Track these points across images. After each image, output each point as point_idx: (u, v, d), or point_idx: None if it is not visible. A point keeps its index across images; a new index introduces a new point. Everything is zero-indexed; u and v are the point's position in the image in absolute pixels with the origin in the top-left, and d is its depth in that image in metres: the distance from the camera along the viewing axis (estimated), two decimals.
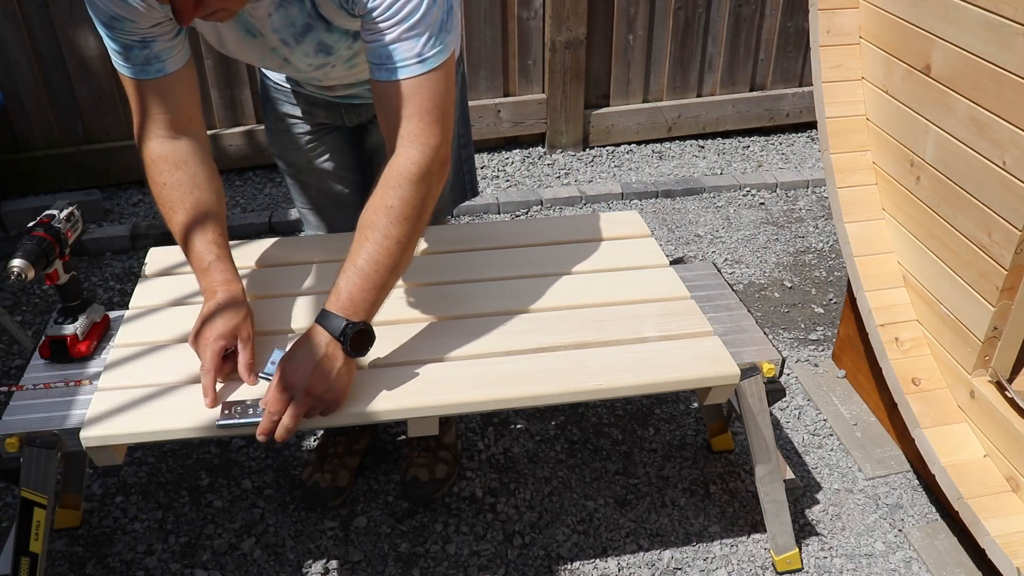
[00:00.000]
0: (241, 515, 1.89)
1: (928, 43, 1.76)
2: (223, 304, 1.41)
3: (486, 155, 3.54)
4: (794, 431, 2.15)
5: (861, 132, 2.03)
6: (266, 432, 1.30)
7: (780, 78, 3.72)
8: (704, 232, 3.07)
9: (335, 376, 1.32)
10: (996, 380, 1.73)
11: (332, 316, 1.31)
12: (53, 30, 2.91)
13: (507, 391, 1.42)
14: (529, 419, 2.16)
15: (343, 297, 1.32)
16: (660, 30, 3.46)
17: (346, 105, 1.71)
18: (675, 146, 3.68)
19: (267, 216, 3.04)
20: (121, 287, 2.73)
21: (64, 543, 1.82)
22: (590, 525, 1.87)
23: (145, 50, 1.36)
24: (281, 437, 1.29)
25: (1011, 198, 1.58)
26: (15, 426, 1.38)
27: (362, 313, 1.32)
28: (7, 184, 3.07)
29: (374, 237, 1.31)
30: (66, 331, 1.52)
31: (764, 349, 1.60)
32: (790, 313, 2.63)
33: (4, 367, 2.34)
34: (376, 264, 1.31)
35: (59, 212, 1.50)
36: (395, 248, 1.32)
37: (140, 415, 1.36)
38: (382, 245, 1.31)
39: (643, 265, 1.77)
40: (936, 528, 1.88)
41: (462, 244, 1.83)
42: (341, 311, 1.31)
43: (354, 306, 1.31)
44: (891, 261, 2.00)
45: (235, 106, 3.22)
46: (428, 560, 1.79)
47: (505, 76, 3.43)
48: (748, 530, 1.86)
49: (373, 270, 1.31)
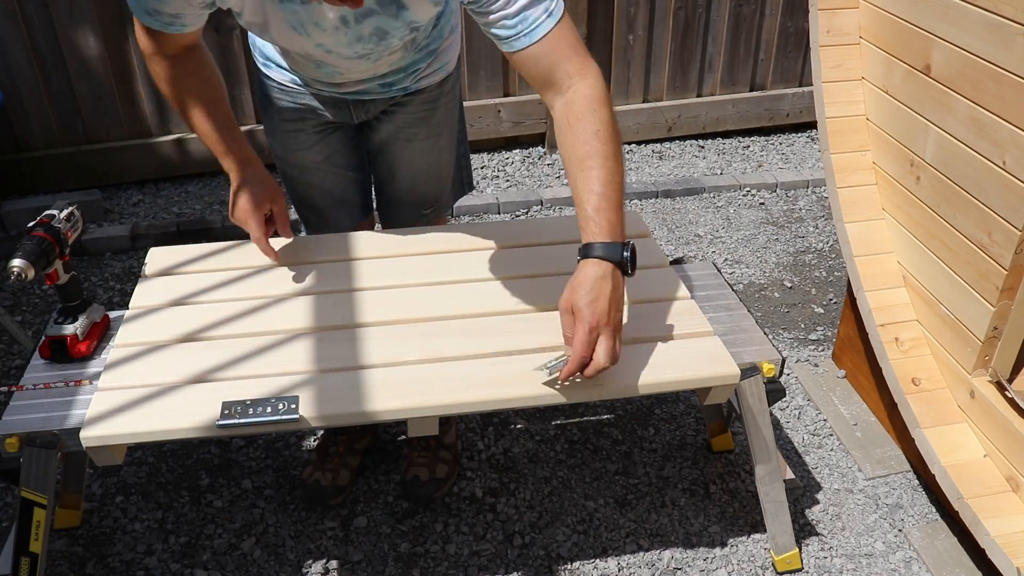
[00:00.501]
0: (241, 515, 1.89)
1: (928, 43, 1.76)
2: (249, 179, 1.60)
3: (486, 155, 3.54)
4: (794, 431, 2.15)
5: (861, 132, 2.03)
6: (571, 374, 1.33)
7: (780, 78, 3.72)
8: (704, 232, 3.07)
9: (622, 300, 1.36)
10: (996, 380, 1.73)
11: (605, 245, 1.34)
12: (53, 30, 2.91)
13: (507, 391, 1.42)
14: (529, 419, 2.16)
15: (603, 224, 1.34)
16: (660, 30, 3.46)
17: (355, 101, 1.72)
18: (675, 146, 3.68)
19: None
20: (121, 287, 2.73)
21: (64, 543, 1.82)
22: (590, 525, 1.87)
23: (173, 21, 1.42)
24: (591, 374, 1.33)
25: (1011, 198, 1.58)
26: (15, 426, 1.38)
27: (621, 233, 1.36)
28: (7, 184, 3.07)
29: (596, 163, 1.35)
30: (66, 331, 1.52)
31: (764, 349, 1.60)
32: (790, 313, 2.63)
33: (4, 367, 2.34)
34: (611, 184, 1.36)
35: (59, 212, 1.50)
36: (616, 166, 1.37)
37: (140, 415, 1.36)
38: (606, 167, 1.35)
39: (643, 265, 1.76)
40: (936, 528, 1.88)
41: (462, 244, 1.83)
42: (609, 237, 1.34)
43: (614, 229, 1.35)
44: (891, 261, 2.00)
45: (235, 106, 3.22)
46: (428, 560, 1.79)
47: (505, 76, 3.43)
48: (748, 530, 1.86)
49: (612, 191, 1.36)
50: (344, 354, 1.49)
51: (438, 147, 1.84)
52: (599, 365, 1.32)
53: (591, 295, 1.32)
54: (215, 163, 1.72)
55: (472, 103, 3.38)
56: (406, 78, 1.69)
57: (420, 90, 1.74)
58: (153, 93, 3.12)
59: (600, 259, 1.33)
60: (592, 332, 1.31)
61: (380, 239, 1.84)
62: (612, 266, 1.33)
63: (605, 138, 1.37)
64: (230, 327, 1.56)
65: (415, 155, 1.83)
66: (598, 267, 1.33)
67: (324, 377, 1.44)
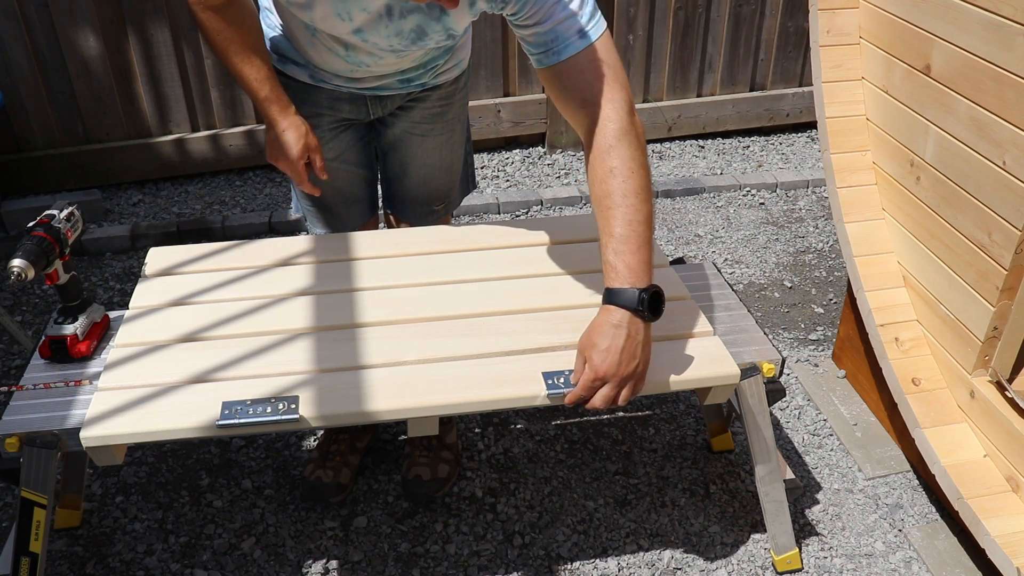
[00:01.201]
0: (241, 515, 1.89)
1: (928, 43, 1.76)
2: (288, 127, 1.61)
3: (486, 155, 3.54)
4: (794, 431, 2.15)
5: (861, 132, 2.03)
6: (573, 404, 1.37)
7: (780, 78, 3.72)
8: (704, 232, 3.07)
9: (641, 350, 1.34)
10: (996, 380, 1.73)
11: (620, 292, 1.32)
12: (53, 30, 2.91)
13: (507, 391, 1.42)
14: (529, 419, 2.16)
15: (621, 270, 1.33)
16: (660, 30, 3.46)
17: (372, 97, 1.73)
18: (675, 146, 3.68)
19: (267, 216, 3.04)
20: (121, 287, 2.73)
21: (64, 543, 1.82)
22: (590, 525, 1.87)
23: None
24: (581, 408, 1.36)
25: (1011, 198, 1.58)
26: (15, 426, 1.38)
27: (644, 276, 1.33)
28: (7, 184, 3.07)
29: (613, 202, 1.34)
30: (66, 331, 1.52)
31: (764, 349, 1.60)
32: (790, 313, 2.63)
33: (4, 367, 2.34)
34: (632, 224, 1.33)
35: (59, 212, 1.50)
36: (638, 202, 1.34)
37: (140, 415, 1.36)
38: (624, 204, 1.33)
39: None
40: (936, 528, 1.88)
41: (462, 244, 1.83)
42: (626, 283, 1.32)
43: (634, 273, 1.33)
44: (891, 261, 2.00)
45: (235, 106, 3.22)
46: (428, 560, 1.79)
47: (505, 76, 3.43)
48: (748, 530, 1.86)
49: (632, 231, 1.33)
50: (344, 354, 1.49)
51: (451, 143, 1.86)
52: (593, 406, 1.34)
53: (604, 343, 1.32)
54: (215, 163, 1.73)
55: (472, 103, 3.36)
56: (425, 74, 1.71)
57: (437, 86, 1.76)
58: (153, 93, 3.12)
59: (616, 306, 1.33)
60: (596, 381, 1.33)
61: (380, 239, 1.84)
62: (629, 314, 1.32)
63: (623, 174, 1.34)
64: (230, 327, 1.56)
65: (429, 151, 1.84)
66: (614, 315, 1.33)
67: (324, 377, 1.44)
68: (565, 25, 1.33)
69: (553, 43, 1.35)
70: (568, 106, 1.40)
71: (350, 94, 1.72)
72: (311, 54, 1.64)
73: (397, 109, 1.78)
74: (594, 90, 1.36)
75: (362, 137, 1.83)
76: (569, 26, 1.33)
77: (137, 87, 3.10)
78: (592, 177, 1.37)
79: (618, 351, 1.32)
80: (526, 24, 1.37)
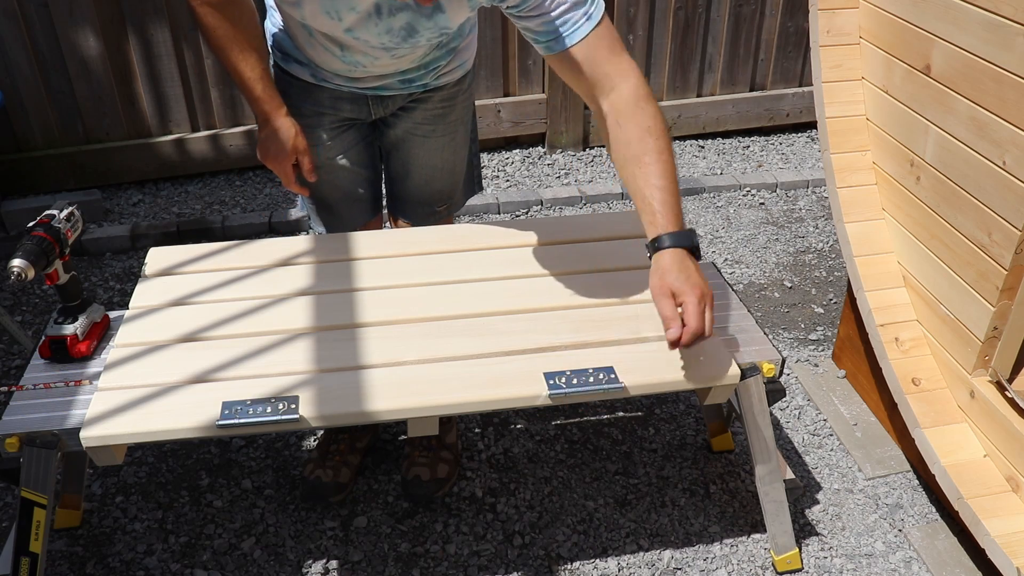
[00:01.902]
0: (241, 515, 1.89)
1: (928, 43, 1.76)
2: (279, 128, 1.63)
3: (486, 155, 3.54)
4: (794, 431, 2.15)
5: (861, 132, 2.03)
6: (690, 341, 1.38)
7: (780, 78, 3.72)
8: (704, 232, 3.07)
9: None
10: (996, 380, 1.73)
11: (678, 234, 1.41)
12: (53, 30, 2.91)
13: (507, 391, 1.42)
14: (529, 419, 2.16)
15: (670, 216, 1.42)
16: (660, 30, 3.46)
17: (374, 97, 1.74)
18: (675, 146, 3.63)
19: (267, 216, 3.04)
20: (121, 287, 2.73)
21: (64, 543, 1.82)
22: (590, 525, 1.87)
23: None
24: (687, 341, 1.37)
25: (1011, 198, 1.58)
26: (15, 426, 1.38)
27: (683, 221, 1.44)
28: (7, 184, 3.07)
29: (652, 158, 1.42)
30: (66, 331, 1.52)
31: (764, 349, 1.60)
32: (790, 313, 2.63)
33: (4, 367, 2.34)
34: (669, 178, 1.43)
35: (59, 212, 1.50)
36: (671, 159, 1.44)
37: (140, 415, 1.36)
38: (661, 161, 1.43)
39: (643, 265, 1.76)
40: (936, 528, 1.88)
41: (462, 244, 1.83)
42: (678, 227, 1.42)
43: (680, 219, 1.43)
44: (891, 261, 2.00)
45: (235, 106, 3.22)
46: (428, 560, 1.79)
47: (505, 76, 3.43)
48: (748, 530, 1.86)
49: (669, 183, 1.43)
50: (344, 354, 1.49)
51: (454, 145, 1.86)
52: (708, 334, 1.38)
53: (684, 274, 1.38)
54: (215, 163, 1.73)
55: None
56: (426, 75, 1.71)
57: (439, 87, 1.76)
58: (153, 93, 3.12)
59: (675, 248, 1.40)
60: (701, 302, 1.37)
61: (380, 239, 1.84)
62: (686, 251, 1.40)
63: (657, 133, 1.43)
64: (230, 327, 1.57)
65: (431, 152, 1.84)
66: (677, 253, 1.40)
67: (324, 377, 1.44)
68: (573, 11, 1.38)
69: (562, 28, 1.40)
70: (582, 84, 1.46)
71: (351, 94, 1.72)
72: (311, 53, 1.64)
73: (399, 109, 1.78)
74: (610, 64, 1.43)
75: (364, 137, 1.83)
76: (575, 10, 1.38)
77: (137, 87, 3.10)
78: (624, 137, 1.44)
79: (698, 274, 1.40)
80: (530, 15, 1.40)
